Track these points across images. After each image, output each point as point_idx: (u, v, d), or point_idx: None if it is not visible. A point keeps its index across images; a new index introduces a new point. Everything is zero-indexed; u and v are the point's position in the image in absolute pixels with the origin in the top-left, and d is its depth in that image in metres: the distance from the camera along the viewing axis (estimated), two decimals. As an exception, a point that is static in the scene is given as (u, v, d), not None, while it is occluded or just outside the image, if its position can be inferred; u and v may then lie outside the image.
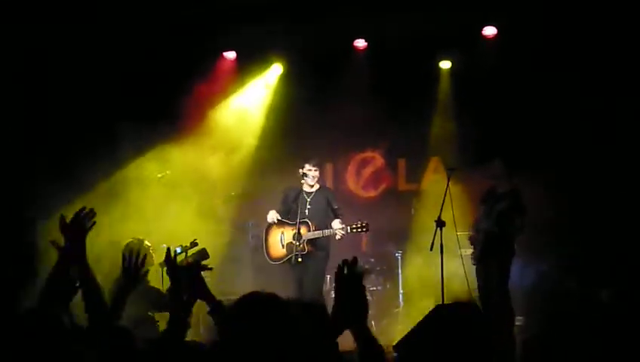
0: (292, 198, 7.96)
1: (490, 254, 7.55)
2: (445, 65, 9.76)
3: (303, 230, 7.71)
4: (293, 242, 7.72)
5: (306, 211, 7.83)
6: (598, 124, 8.66)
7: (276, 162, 9.78)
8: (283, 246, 7.89)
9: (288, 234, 7.85)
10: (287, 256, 7.80)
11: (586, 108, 8.68)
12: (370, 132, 9.95)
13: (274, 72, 10.06)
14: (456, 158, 8.87)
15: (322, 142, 9.84)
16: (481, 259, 7.66)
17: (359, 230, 7.66)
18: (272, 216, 7.94)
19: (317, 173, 7.93)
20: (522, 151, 8.66)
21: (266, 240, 8.03)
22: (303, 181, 7.94)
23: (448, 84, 9.74)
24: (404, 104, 9.41)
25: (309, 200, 7.92)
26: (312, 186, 7.96)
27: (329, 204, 7.92)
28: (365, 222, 7.64)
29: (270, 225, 8.02)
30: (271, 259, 7.96)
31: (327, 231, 7.70)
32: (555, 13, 8.65)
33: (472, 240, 7.80)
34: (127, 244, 6.81)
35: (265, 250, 8.02)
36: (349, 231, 7.63)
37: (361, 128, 9.74)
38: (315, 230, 7.71)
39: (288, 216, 7.93)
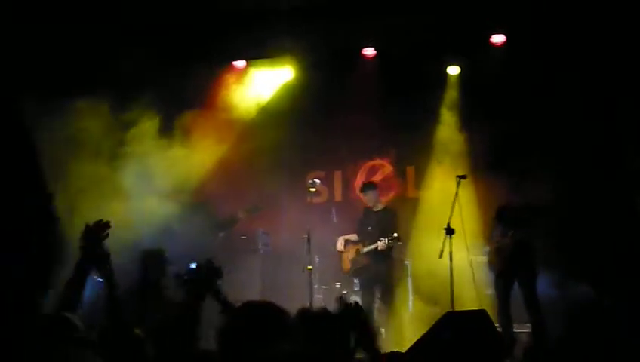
0: (364, 217, 8.92)
1: (520, 264, 7.62)
2: (453, 72, 9.77)
3: (361, 246, 8.79)
4: (356, 258, 8.85)
5: (370, 228, 8.75)
6: (606, 127, 8.66)
7: (284, 169, 9.81)
8: (350, 261, 8.98)
9: (351, 251, 8.97)
10: (350, 269, 8.98)
11: (593, 111, 8.68)
12: (379, 139, 9.96)
13: (283, 78, 10.07)
14: (466, 165, 8.87)
15: (331, 149, 9.88)
16: (507, 268, 7.69)
17: (391, 241, 8.42)
18: (340, 242, 9.01)
19: (372, 197, 8.81)
20: (529, 156, 8.67)
21: (342, 258, 9.13)
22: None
23: (457, 91, 9.74)
24: (412, 111, 9.41)
25: (375, 218, 8.78)
26: (375, 206, 8.79)
27: (393, 221, 8.67)
28: (396, 234, 8.41)
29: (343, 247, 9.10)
30: (344, 272, 9.12)
31: (373, 245, 8.51)
32: (562, 19, 8.65)
33: (497, 252, 7.81)
34: (144, 252, 6.70)
35: (342, 266, 9.12)
36: (386, 242, 8.39)
37: (370, 136, 9.76)
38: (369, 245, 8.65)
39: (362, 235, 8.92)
